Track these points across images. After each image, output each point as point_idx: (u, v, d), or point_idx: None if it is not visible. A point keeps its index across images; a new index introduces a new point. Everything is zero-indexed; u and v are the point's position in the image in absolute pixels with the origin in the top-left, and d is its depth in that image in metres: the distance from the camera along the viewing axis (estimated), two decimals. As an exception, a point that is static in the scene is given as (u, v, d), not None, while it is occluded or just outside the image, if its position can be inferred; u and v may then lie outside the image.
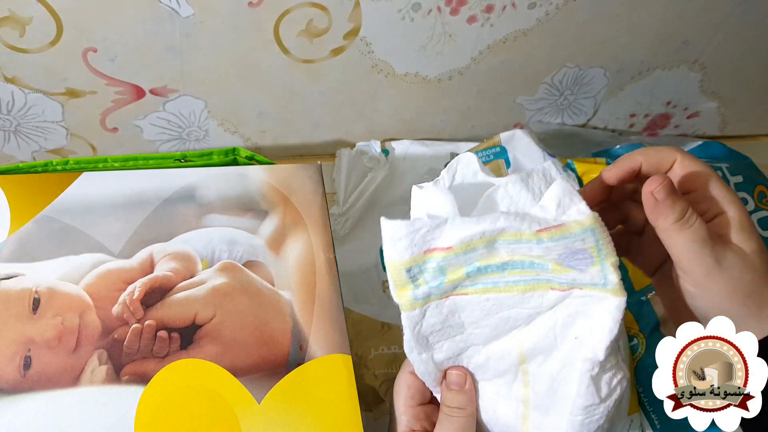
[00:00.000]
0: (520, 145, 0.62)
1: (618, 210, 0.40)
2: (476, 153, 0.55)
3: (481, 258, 0.34)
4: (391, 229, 0.34)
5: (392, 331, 0.53)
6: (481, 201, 0.36)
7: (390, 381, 0.51)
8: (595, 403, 0.35)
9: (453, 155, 0.66)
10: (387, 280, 0.55)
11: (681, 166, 0.36)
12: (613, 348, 0.34)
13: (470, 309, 0.36)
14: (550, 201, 0.34)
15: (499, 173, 0.61)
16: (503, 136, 0.63)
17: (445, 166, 0.39)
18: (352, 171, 0.62)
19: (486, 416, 0.39)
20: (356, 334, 0.53)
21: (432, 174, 0.64)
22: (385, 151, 0.65)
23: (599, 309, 0.34)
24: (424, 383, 0.40)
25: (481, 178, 0.37)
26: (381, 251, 0.57)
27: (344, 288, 0.43)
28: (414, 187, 0.37)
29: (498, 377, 0.38)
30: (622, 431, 0.49)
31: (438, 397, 0.40)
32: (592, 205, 0.34)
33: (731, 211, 0.35)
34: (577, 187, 0.45)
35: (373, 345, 0.52)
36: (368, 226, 0.59)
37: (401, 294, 0.35)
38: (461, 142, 0.67)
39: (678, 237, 0.34)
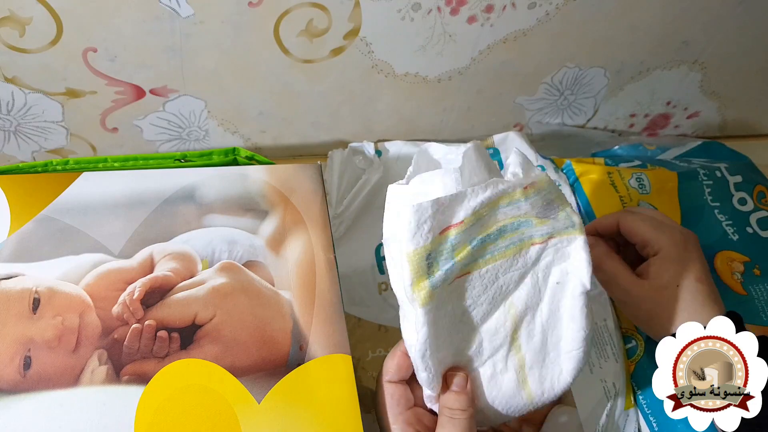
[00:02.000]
0: (514, 146, 0.62)
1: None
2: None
3: (481, 229, 0.37)
4: (417, 212, 0.34)
5: (389, 334, 0.53)
6: (463, 159, 0.39)
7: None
8: (589, 333, 0.39)
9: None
10: (384, 282, 0.55)
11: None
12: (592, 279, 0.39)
13: (471, 287, 0.37)
14: (517, 167, 0.38)
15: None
16: (496, 138, 0.64)
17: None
18: (344, 172, 0.61)
19: (489, 396, 0.39)
20: (353, 336, 0.53)
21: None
22: (378, 153, 0.65)
23: (573, 248, 0.38)
24: (405, 389, 0.40)
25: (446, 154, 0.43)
26: (377, 252, 0.57)
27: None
28: (390, 186, 0.39)
29: (493, 355, 0.39)
30: (618, 424, 0.50)
31: (427, 400, 0.39)
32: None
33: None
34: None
35: (371, 347, 0.52)
36: (364, 228, 0.58)
37: (419, 287, 0.35)
38: (454, 144, 0.67)
39: None
